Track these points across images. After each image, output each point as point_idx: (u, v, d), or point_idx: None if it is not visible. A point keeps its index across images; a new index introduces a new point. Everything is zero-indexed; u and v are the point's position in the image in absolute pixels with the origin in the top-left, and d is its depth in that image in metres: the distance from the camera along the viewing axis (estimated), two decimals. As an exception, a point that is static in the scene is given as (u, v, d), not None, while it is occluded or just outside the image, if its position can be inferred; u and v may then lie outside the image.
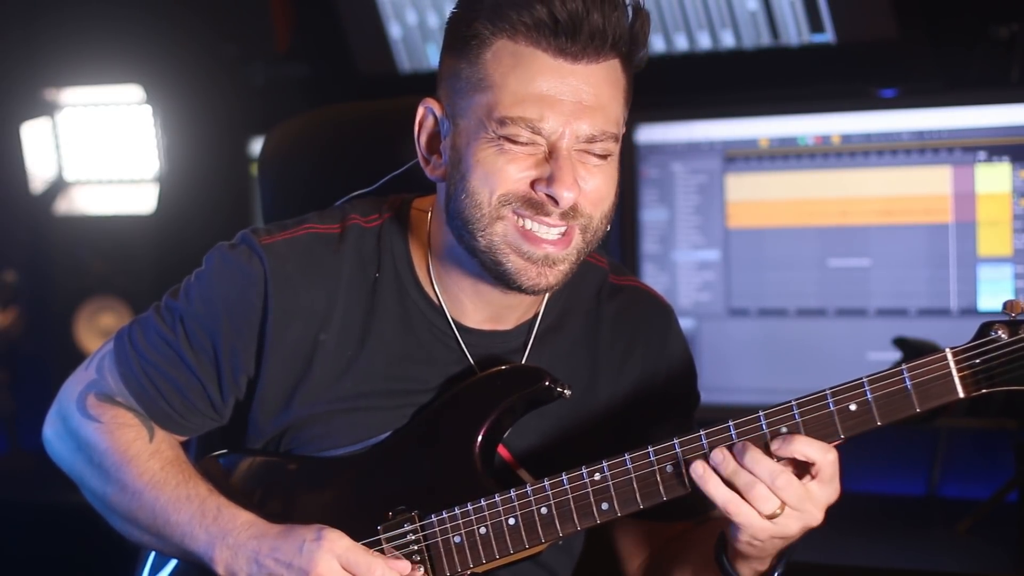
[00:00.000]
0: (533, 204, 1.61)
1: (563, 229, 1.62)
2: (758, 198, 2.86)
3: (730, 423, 1.56)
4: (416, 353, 1.73)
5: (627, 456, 1.59)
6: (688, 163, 2.91)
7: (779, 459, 1.54)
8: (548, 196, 1.60)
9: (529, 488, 1.62)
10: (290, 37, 3.54)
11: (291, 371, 1.72)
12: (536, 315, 1.76)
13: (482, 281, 1.69)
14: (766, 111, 2.86)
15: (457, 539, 1.64)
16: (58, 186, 3.56)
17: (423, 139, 1.70)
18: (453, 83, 1.65)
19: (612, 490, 1.59)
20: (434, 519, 1.64)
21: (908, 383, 1.51)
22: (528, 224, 1.62)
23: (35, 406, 3.53)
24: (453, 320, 1.73)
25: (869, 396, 1.52)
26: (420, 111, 1.70)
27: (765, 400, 3.00)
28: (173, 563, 1.77)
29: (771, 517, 1.54)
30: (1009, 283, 2.63)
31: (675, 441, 1.57)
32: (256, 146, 3.38)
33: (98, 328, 3.50)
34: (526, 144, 1.60)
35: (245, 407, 1.76)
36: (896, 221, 2.73)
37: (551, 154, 1.60)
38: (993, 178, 2.65)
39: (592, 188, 1.62)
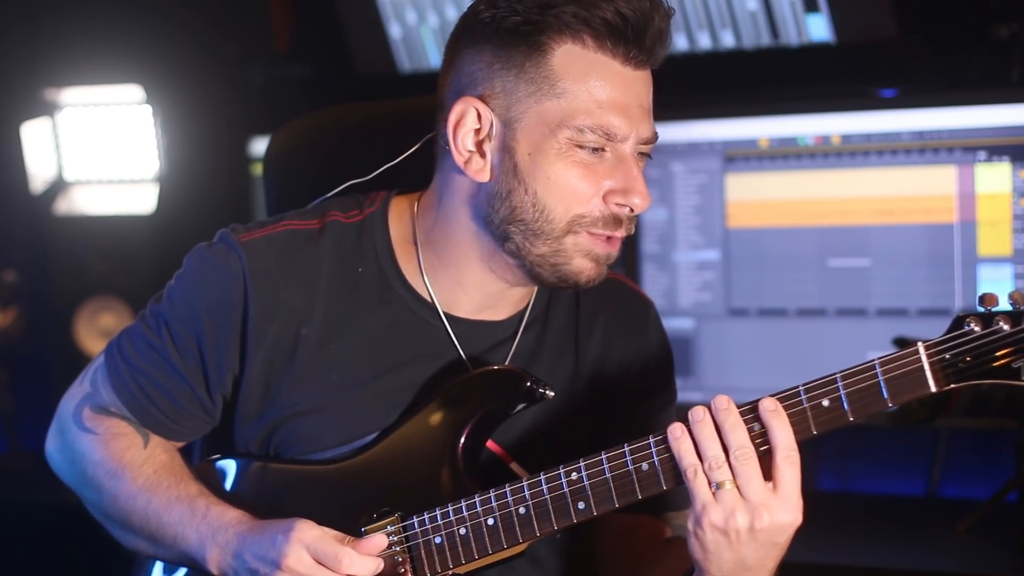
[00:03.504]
0: (611, 220, 1.65)
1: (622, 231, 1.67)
2: (758, 198, 2.86)
3: None
4: (402, 346, 1.73)
5: (603, 455, 1.59)
6: (688, 163, 2.91)
7: (759, 428, 1.53)
8: (622, 205, 1.64)
9: (508, 488, 1.63)
10: (290, 37, 3.54)
11: (275, 366, 1.72)
12: (527, 305, 1.78)
13: (492, 273, 1.71)
14: (766, 111, 2.86)
15: (438, 540, 1.65)
16: (58, 186, 3.56)
17: (461, 137, 1.67)
18: (507, 85, 1.64)
19: (588, 489, 1.59)
20: (415, 520, 1.65)
21: (880, 377, 1.51)
22: (598, 232, 1.65)
23: (35, 406, 3.56)
24: (443, 311, 1.73)
25: (842, 392, 1.52)
26: (459, 108, 1.66)
27: (765, 400, 2.97)
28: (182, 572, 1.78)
29: (718, 487, 1.52)
30: (1009, 283, 2.63)
31: (650, 439, 1.58)
32: (256, 146, 3.38)
33: (98, 328, 3.50)
34: (597, 151, 1.63)
35: (232, 407, 1.76)
36: (896, 221, 2.73)
37: (621, 162, 1.64)
38: (993, 178, 2.65)
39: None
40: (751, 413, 1.56)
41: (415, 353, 1.74)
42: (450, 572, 1.65)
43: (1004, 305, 1.48)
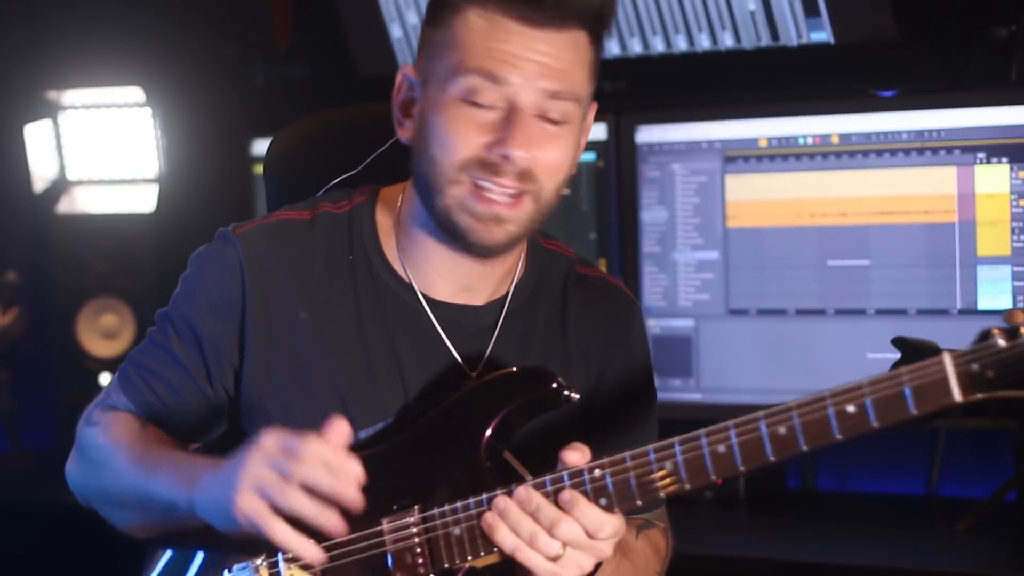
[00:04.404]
0: (488, 166, 1.67)
1: (515, 191, 1.68)
2: (758, 198, 2.86)
3: (729, 423, 1.58)
4: (393, 332, 1.76)
5: (627, 454, 1.61)
6: (688, 163, 2.92)
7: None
8: (502, 156, 1.66)
9: (531, 483, 1.63)
10: (290, 38, 3.54)
11: (275, 352, 1.75)
12: (507, 293, 1.80)
13: (448, 247, 1.74)
14: (766, 111, 2.86)
15: (457, 532, 1.65)
16: (60, 186, 3.57)
17: (398, 104, 1.76)
18: (425, 50, 1.73)
19: (611, 487, 1.60)
20: (435, 512, 1.66)
21: (906, 386, 1.52)
22: (482, 183, 1.67)
23: (36, 406, 3.57)
24: (422, 294, 1.77)
25: (867, 399, 1.53)
26: (397, 78, 1.76)
27: (764, 400, 3.00)
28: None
29: (555, 559, 1.60)
30: (1008, 283, 2.64)
31: (674, 440, 1.59)
32: (256, 146, 3.39)
33: (99, 328, 3.50)
34: (486, 105, 1.66)
35: (236, 402, 1.78)
36: (896, 221, 2.74)
37: (507, 115, 1.66)
38: (992, 178, 2.66)
39: (549, 159, 1.68)
40: (556, 485, 1.61)
41: (404, 339, 1.76)
42: (467, 564, 1.66)
43: None
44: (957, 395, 1.50)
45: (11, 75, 3.66)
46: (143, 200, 3.52)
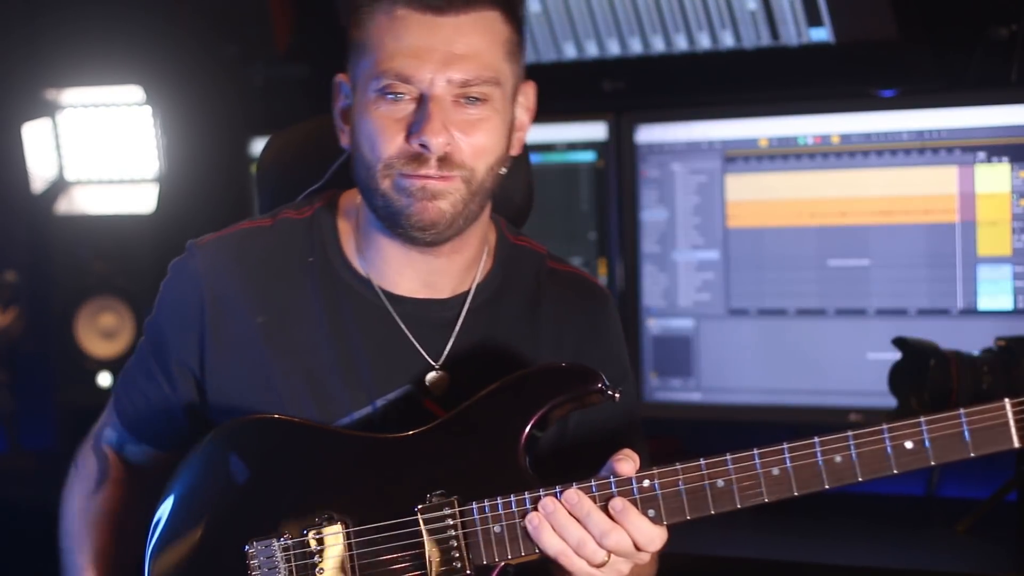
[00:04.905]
0: (411, 158, 1.68)
1: (440, 177, 1.69)
2: (758, 198, 2.86)
3: (784, 445, 1.57)
4: (354, 328, 1.78)
5: (679, 466, 1.60)
6: (688, 163, 2.92)
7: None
8: (421, 145, 1.67)
9: (576, 487, 1.62)
10: (290, 38, 3.54)
11: (236, 358, 1.77)
12: (470, 287, 1.81)
13: (400, 243, 1.76)
14: (766, 111, 2.86)
15: (497, 529, 1.64)
16: (59, 186, 3.57)
17: (338, 112, 1.80)
18: (349, 56, 1.75)
19: (660, 499, 1.60)
20: (475, 506, 1.65)
21: (965, 428, 1.54)
22: (407, 172, 1.69)
23: (35, 406, 3.56)
24: (383, 291, 1.78)
25: (925, 436, 1.55)
26: (334, 86, 1.80)
27: (764, 401, 3.01)
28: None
29: (600, 566, 1.59)
30: (1008, 283, 2.64)
31: (728, 457, 1.59)
32: (256, 146, 3.38)
33: (98, 328, 3.50)
34: (401, 100, 1.68)
35: (205, 404, 1.80)
36: (896, 221, 2.74)
37: (421, 104, 1.68)
38: (992, 178, 2.66)
39: (473, 142, 1.69)
40: (602, 491, 1.60)
41: (366, 334, 1.78)
42: (504, 563, 1.64)
43: None
44: (1016, 441, 1.52)
45: (10, 74, 3.65)
46: (143, 200, 3.51)
